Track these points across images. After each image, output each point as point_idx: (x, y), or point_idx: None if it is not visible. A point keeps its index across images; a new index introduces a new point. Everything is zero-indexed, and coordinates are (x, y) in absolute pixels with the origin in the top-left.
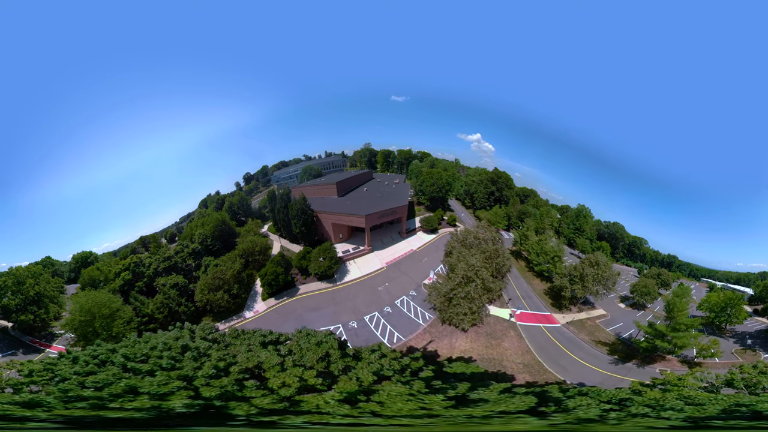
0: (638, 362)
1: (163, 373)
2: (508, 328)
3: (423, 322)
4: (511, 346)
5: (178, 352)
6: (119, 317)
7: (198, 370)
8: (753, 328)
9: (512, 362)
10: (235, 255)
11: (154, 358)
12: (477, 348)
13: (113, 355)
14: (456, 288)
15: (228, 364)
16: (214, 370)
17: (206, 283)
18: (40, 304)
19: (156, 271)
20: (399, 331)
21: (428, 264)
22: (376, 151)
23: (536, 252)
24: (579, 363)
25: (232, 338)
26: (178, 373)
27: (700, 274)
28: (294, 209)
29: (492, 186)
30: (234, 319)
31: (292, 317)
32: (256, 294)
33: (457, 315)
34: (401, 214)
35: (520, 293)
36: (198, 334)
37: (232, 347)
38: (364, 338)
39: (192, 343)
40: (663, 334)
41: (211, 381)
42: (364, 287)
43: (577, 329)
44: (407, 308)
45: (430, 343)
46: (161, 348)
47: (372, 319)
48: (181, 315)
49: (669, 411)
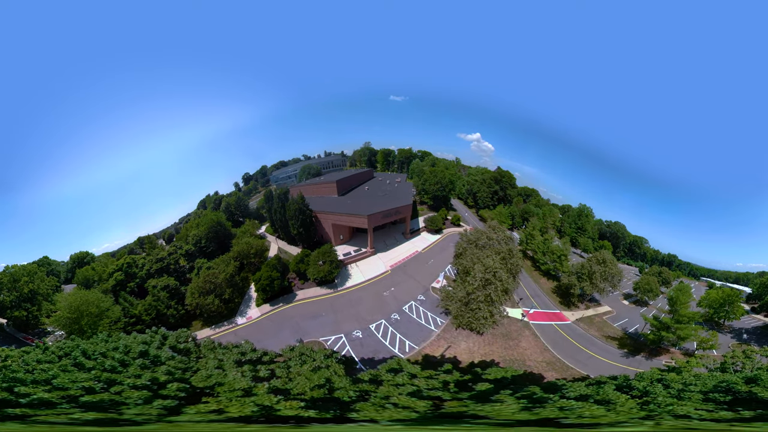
0: (646, 355)
1: (91, 373)
2: (522, 327)
3: (435, 328)
4: (529, 346)
5: (134, 357)
6: (107, 317)
7: (137, 378)
8: (750, 324)
9: (535, 361)
10: (229, 257)
11: (108, 358)
12: (497, 350)
13: (75, 350)
14: (475, 291)
15: (175, 379)
16: (149, 382)
17: (197, 287)
18: (34, 302)
19: (149, 272)
20: (410, 339)
21: (435, 266)
22: (375, 150)
23: (542, 251)
24: (595, 358)
25: (207, 350)
26: (108, 376)
27: (699, 273)
28: (291, 209)
29: (495, 185)
30: (225, 325)
31: (288, 326)
32: (251, 299)
33: (478, 319)
34: (405, 213)
35: (529, 292)
36: (169, 342)
37: (204, 361)
38: (371, 348)
39: (155, 350)
40: (668, 326)
41: (127, 391)
42: (367, 293)
43: (587, 325)
44: (416, 314)
45: (448, 349)
46: (122, 350)
47: (379, 327)
48: (170, 318)
49: (690, 386)
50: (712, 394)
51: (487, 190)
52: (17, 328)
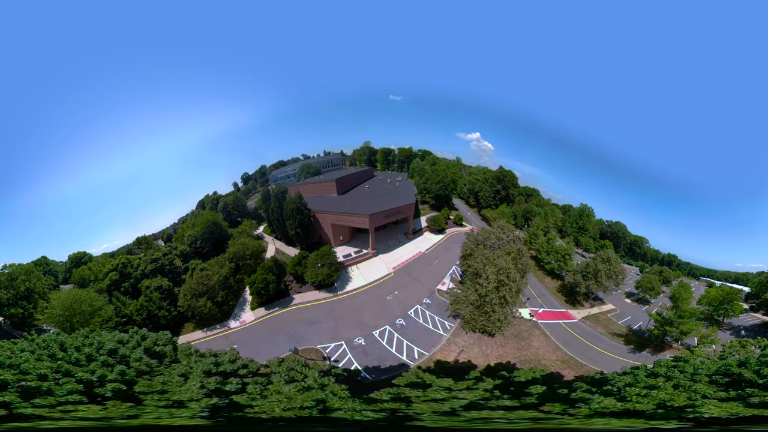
0: (651, 351)
1: (57, 363)
2: (531, 327)
3: (444, 333)
4: (540, 345)
5: (104, 354)
6: (99, 316)
7: (92, 374)
8: (748, 322)
9: (549, 360)
10: (224, 259)
11: (80, 353)
12: (510, 351)
13: (53, 343)
14: (490, 293)
15: (122, 381)
16: (95, 378)
17: (190, 288)
18: (30, 300)
19: (143, 272)
20: (418, 345)
21: (440, 267)
22: (375, 149)
23: (546, 251)
24: (604, 354)
25: (183, 356)
26: (68, 368)
27: (699, 273)
28: (288, 209)
29: (498, 185)
30: (217, 328)
31: (283, 331)
32: (246, 302)
33: (493, 322)
34: (408, 213)
35: (534, 292)
36: (145, 343)
37: (176, 367)
38: (375, 356)
39: (128, 350)
40: (671, 321)
41: (55, 384)
42: (369, 297)
43: (593, 323)
44: (423, 318)
45: (461, 354)
46: (96, 345)
47: (383, 333)
48: (161, 319)
49: (699, 371)
50: (714, 377)
51: (489, 190)
52: (14, 326)
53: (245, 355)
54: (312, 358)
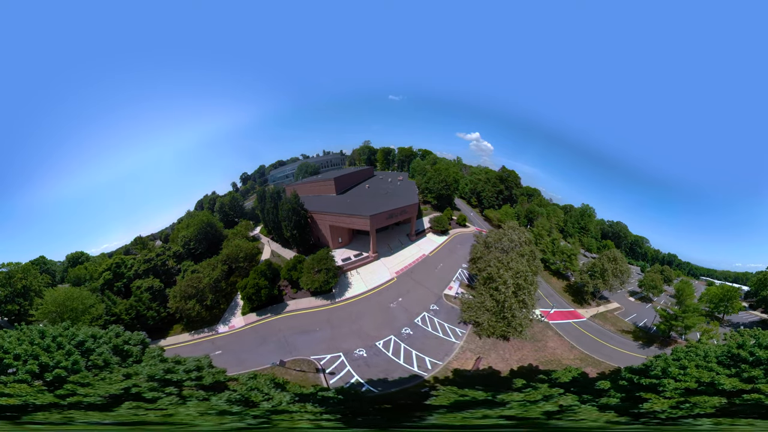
0: (659, 346)
1: (31, 347)
2: (544, 328)
3: (456, 340)
4: (556, 345)
5: (73, 345)
6: (89, 313)
7: (50, 359)
8: (747, 320)
9: (568, 359)
10: (217, 261)
11: (54, 342)
12: (529, 353)
13: (34, 331)
14: (509, 298)
15: (71, 370)
16: (51, 363)
17: (180, 290)
18: (26, 297)
19: (136, 272)
20: (430, 354)
21: (445, 270)
22: (375, 149)
23: (551, 251)
24: (617, 351)
25: (148, 357)
26: (35, 351)
27: (699, 272)
28: (284, 209)
29: (501, 185)
30: (204, 332)
31: (274, 340)
32: (237, 306)
33: (514, 327)
34: (411, 213)
35: (542, 292)
36: (116, 341)
37: (136, 367)
38: (380, 368)
39: (91, 343)
40: (676, 316)
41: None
42: (371, 304)
43: (602, 321)
44: (432, 326)
45: (479, 361)
46: (69, 336)
47: (387, 344)
48: (149, 320)
49: (708, 355)
50: (720, 358)
51: (492, 190)
52: (10, 322)
53: (228, 363)
54: (302, 369)
